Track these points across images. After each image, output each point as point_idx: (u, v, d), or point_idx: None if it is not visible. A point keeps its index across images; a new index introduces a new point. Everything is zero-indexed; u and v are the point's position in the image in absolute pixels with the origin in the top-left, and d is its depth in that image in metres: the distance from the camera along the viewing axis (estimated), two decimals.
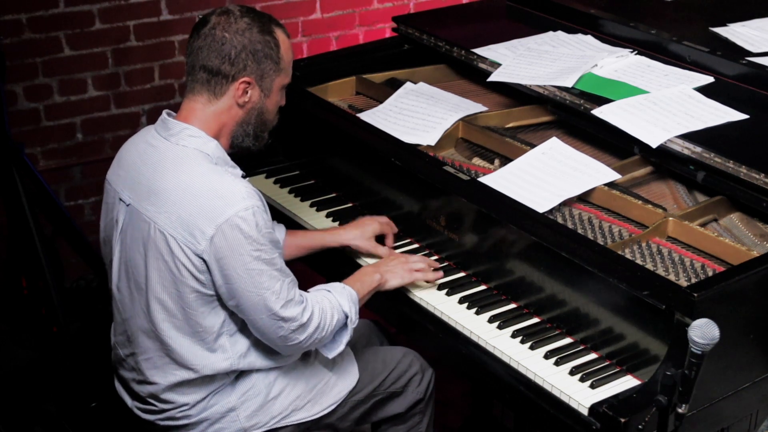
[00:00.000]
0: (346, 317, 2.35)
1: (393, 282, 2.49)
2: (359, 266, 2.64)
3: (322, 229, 2.72)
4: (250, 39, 2.23)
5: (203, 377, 2.31)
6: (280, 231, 2.61)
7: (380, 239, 2.67)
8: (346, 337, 2.37)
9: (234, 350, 2.31)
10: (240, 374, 2.36)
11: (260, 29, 2.25)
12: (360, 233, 2.63)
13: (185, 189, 2.18)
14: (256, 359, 2.35)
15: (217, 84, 2.25)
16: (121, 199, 2.30)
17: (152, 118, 4.02)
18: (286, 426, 2.42)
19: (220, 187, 2.18)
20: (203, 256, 2.18)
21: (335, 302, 2.33)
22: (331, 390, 2.48)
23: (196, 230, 2.16)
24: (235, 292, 2.19)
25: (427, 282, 2.53)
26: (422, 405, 2.65)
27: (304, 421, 2.44)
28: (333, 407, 2.47)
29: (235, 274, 2.17)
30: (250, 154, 2.39)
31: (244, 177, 2.28)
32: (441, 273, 2.54)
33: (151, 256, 2.23)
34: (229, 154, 2.32)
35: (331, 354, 2.37)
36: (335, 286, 2.39)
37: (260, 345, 2.33)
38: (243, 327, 2.31)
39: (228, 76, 2.24)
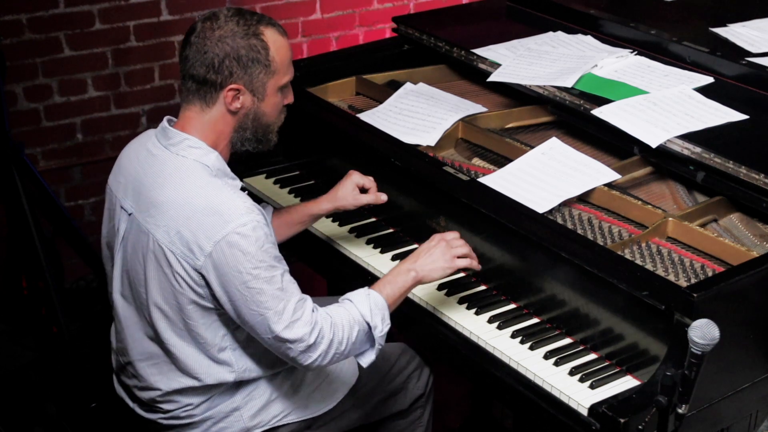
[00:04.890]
0: (370, 327, 2.28)
1: (434, 275, 2.37)
2: (359, 266, 2.65)
3: (304, 202, 2.69)
4: (232, 46, 2.18)
5: (206, 385, 2.31)
6: (267, 211, 2.58)
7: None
8: (376, 346, 2.30)
9: (239, 365, 2.30)
10: None
11: (244, 34, 2.19)
12: (341, 192, 2.58)
13: (183, 204, 2.16)
14: (262, 371, 2.34)
15: (207, 93, 2.21)
16: (122, 207, 2.29)
17: (152, 118, 4.03)
18: (288, 424, 2.42)
19: (218, 203, 2.15)
20: (201, 272, 2.16)
21: (355, 313, 2.26)
22: (331, 388, 2.48)
23: (194, 246, 2.14)
24: (239, 310, 2.17)
25: (472, 269, 2.41)
26: (423, 399, 2.66)
27: (305, 419, 2.44)
28: (333, 405, 2.48)
29: (237, 292, 2.14)
30: (252, 154, 2.38)
31: (243, 190, 2.25)
32: (479, 266, 2.43)
33: (150, 266, 2.22)
34: (232, 154, 2.31)
35: (364, 363, 2.32)
36: (358, 294, 2.31)
37: (265, 358, 2.32)
38: (246, 343, 2.29)
39: (215, 84, 2.20)
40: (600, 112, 2.69)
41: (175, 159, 2.22)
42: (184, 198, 2.17)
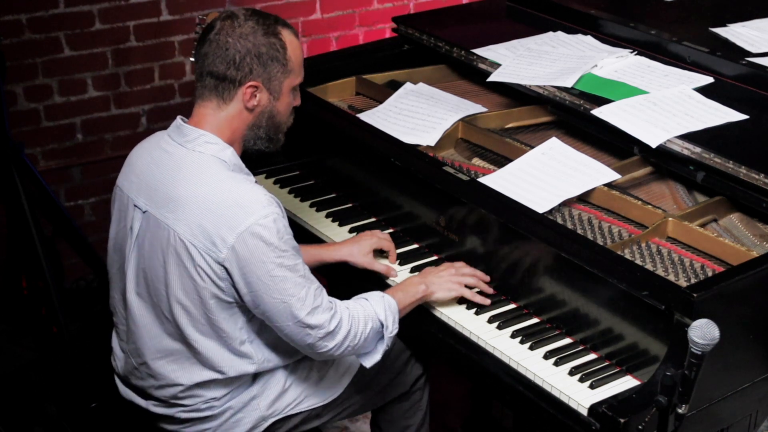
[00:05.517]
0: (382, 326, 2.33)
1: (439, 294, 2.44)
2: (361, 269, 2.65)
3: (318, 245, 2.70)
4: (254, 43, 2.22)
5: (229, 378, 2.33)
6: None
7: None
8: (383, 347, 2.35)
9: (258, 356, 2.33)
10: None
11: (265, 32, 2.24)
12: (357, 249, 2.61)
13: (204, 197, 2.19)
14: (279, 361, 2.38)
15: (225, 89, 2.24)
16: (136, 206, 2.30)
17: (152, 118, 4.03)
18: (300, 412, 2.46)
19: (239, 196, 2.18)
20: (224, 264, 2.18)
21: (370, 310, 2.31)
22: (337, 375, 2.51)
23: (216, 239, 2.16)
24: (260, 300, 2.19)
25: (474, 302, 2.46)
26: (422, 381, 2.68)
27: (315, 406, 2.48)
28: (340, 392, 2.51)
29: (259, 282, 2.17)
30: (259, 155, 2.39)
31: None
32: (489, 300, 2.46)
33: (171, 262, 2.23)
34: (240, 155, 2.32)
35: (368, 363, 2.36)
36: (373, 295, 2.37)
37: (280, 347, 2.35)
38: (260, 333, 2.32)
39: (234, 81, 2.23)
40: (600, 112, 2.69)
41: (192, 155, 2.24)
42: (205, 192, 2.19)
